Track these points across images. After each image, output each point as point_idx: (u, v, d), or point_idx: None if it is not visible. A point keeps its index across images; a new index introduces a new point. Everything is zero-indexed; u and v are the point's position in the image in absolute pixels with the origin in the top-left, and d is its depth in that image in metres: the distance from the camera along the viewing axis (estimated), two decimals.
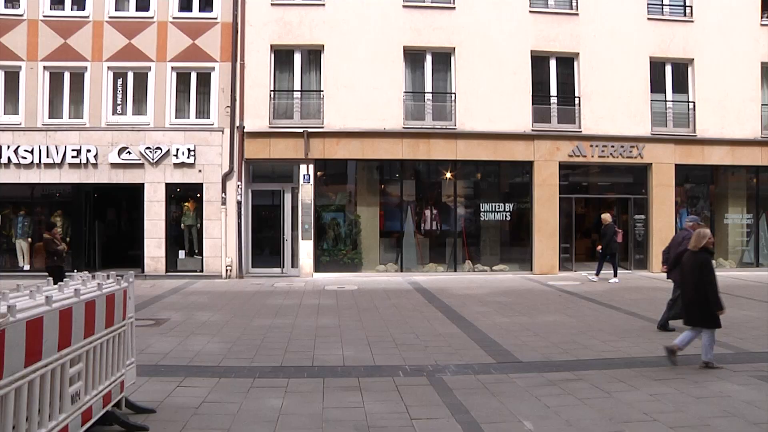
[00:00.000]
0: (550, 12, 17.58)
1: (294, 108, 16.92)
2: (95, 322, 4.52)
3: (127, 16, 16.76)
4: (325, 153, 16.59)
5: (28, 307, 3.63)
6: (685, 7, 18.21)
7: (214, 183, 16.52)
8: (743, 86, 18.06)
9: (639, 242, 17.93)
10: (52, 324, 3.81)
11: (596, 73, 17.45)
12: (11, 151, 16.22)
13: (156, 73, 16.64)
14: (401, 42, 16.93)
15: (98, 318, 4.57)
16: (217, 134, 16.60)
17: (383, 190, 17.53)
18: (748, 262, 18.53)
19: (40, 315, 3.67)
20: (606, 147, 17.32)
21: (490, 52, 17.10)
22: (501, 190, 17.97)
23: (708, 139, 17.84)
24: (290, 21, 16.83)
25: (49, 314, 3.78)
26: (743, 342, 8.33)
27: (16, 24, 16.51)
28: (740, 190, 18.93)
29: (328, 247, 17.13)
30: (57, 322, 3.88)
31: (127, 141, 16.41)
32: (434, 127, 16.95)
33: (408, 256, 17.19)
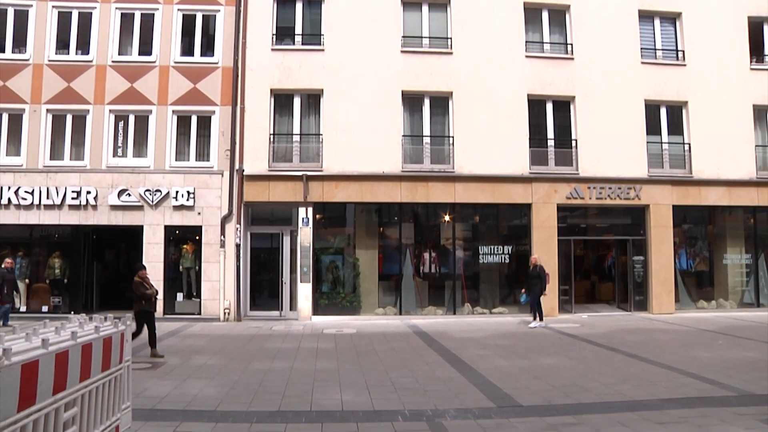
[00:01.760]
0: (545, 57, 17.92)
1: (293, 151, 17.07)
2: (91, 365, 4.46)
3: (129, 61, 17.08)
4: (324, 196, 16.66)
5: (23, 350, 3.59)
6: (677, 52, 18.58)
7: (213, 225, 16.55)
8: (737, 128, 18.31)
9: (638, 283, 17.86)
10: (47, 367, 3.76)
11: (592, 116, 17.70)
12: (12, 192, 16.32)
13: (157, 116, 16.86)
14: (399, 86, 17.21)
15: (95, 361, 4.52)
16: (217, 177, 16.70)
17: (382, 233, 17.54)
18: (749, 302, 18.43)
19: (35, 358, 3.63)
20: (603, 189, 17.44)
21: (488, 96, 17.37)
22: (499, 233, 17.98)
23: (704, 180, 17.99)
24: (290, 66, 17.14)
25: (45, 357, 3.74)
26: (747, 384, 8.22)
27: (22, 68, 16.85)
28: (738, 231, 18.96)
29: (326, 290, 17.05)
30: (53, 366, 3.83)
31: (127, 183, 16.51)
32: (432, 170, 17.09)
33: (407, 299, 17.08)
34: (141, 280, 11.28)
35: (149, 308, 11.30)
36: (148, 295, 11.24)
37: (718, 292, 18.53)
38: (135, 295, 11.26)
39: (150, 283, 11.53)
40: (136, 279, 11.32)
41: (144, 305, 11.18)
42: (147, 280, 11.44)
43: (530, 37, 18.01)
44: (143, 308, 11.15)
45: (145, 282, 11.34)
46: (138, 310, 11.10)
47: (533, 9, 18.06)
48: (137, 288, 11.19)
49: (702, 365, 9.67)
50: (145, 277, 11.44)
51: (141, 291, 11.15)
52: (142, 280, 11.29)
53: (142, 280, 11.29)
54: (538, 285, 15.05)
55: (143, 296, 11.15)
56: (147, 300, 11.23)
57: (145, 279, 11.41)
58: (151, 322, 11.09)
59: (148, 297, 11.23)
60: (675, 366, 9.59)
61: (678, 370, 9.29)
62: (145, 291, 11.18)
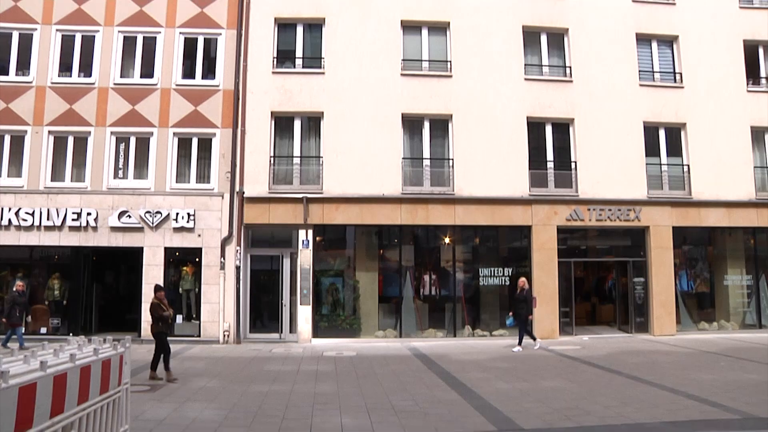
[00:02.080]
0: (544, 79, 18.08)
1: (293, 174, 17.13)
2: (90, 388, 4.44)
3: (131, 83, 17.23)
4: (324, 218, 16.68)
5: (21, 373, 3.58)
6: (675, 74, 18.74)
7: (213, 248, 16.55)
8: (735, 149, 18.41)
9: (639, 305, 17.79)
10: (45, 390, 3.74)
11: (591, 138, 17.80)
12: (12, 213, 16.34)
13: (158, 138, 16.95)
14: (399, 109, 17.33)
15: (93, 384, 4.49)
16: (217, 199, 16.74)
17: (382, 256, 17.51)
18: (751, 323, 18.34)
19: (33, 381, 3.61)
20: (603, 210, 17.46)
21: (487, 119, 17.49)
22: (500, 255, 17.96)
23: (704, 201, 18.02)
24: (290, 89, 17.28)
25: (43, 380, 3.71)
26: (752, 407, 8.16)
27: (25, 90, 16.99)
28: (738, 252, 18.95)
29: (326, 312, 16.98)
30: (51, 389, 3.81)
31: (127, 205, 16.54)
32: (432, 192, 17.13)
33: (407, 321, 17.01)
34: (158, 302, 11.21)
35: (166, 330, 11.26)
36: (166, 316, 11.18)
37: (719, 313, 18.44)
38: (152, 316, 11.19)
39: (167, 304, 11.47)
40: (154, 300, 11.27)
41: (161, 327, 11.11)
42: (164, 302, 11.37)
43: (529, 60, 18.19)
44: (161, 330, 11.08)
45: (162, 303, 11.27)
46: (156, 332, 11.05)
47: (532, 32, 18.27)
48: (155, 310, 11.12)
49: (705, 387, 9.60)
50: (162, 298, 11.38)
51: (159, 313, 11.09)
52: (159, 302, 11.22)
53: (159, 302, 11.22)
54: (524, 308, 14.88)
55: (161, 318, 11.09)
56: (164, 322, 11.18)
57: (162, 300, 11.34)
58: (166, 343, 11.06)
59: (165, 319, 11.18)
60: (677, 388, 9.52)
61: (680, 392, 9.22)
62: (162, 313, 11.11)
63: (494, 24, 18.01)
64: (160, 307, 11.14)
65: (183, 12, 17.52)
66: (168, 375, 10.74)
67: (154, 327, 11.14)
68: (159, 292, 11.49)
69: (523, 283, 15.25)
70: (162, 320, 11.10)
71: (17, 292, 14.79)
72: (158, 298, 11.30)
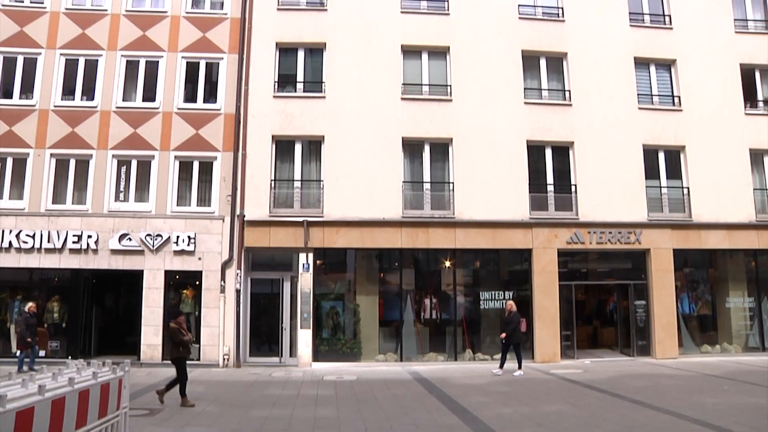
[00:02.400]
0: (544, 103, 18.22)
1: (294, 197, 17.18)
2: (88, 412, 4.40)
3: (133, 107, 17.35)
4: (325, 242, 16.68)
5: (19, 397, 3.55)
6: (673, 97, 18.89)
7: (214, 271, 16.51)
8: (735, 172, 18.47)
9: (641, 328, 17.68)
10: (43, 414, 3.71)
11: (591, 161, 17.88)
12: (13, 235, 16.34)
13: (159, 161, 17.03)
14: (400, 133, 17.43)
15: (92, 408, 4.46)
16: (218, 222, 16.75)
17: (382, 279, 17.45)
18: (754, 346, 18.19)
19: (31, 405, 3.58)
20: (604, 233, 17.46)
21: (487, 143, 17.59)
22: (500, 278, 17.89)
23: (704, 223, 18.02)
24: (291, 112, 17.40)
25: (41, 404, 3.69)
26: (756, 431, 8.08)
27: (28, 113, 17.12)
28: (740, 274, 18.88)
29: (327, 336, 16.89)
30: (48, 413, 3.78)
31: (128, 227, 16.55)
32: (433, 216, 17.15)
33: (408, 345, 16.90)
34: (178, 326, 11.17)
35: (186, 355, 11.19)
36: (186, 341, 11.13)
37: (721, 336, 18.33)
38: (172, 341, 11.14)
39: (186, 328, 11.43)
40: (173, 325, 11.23)
41: (182, 352, 11.05)
42: (184, 327, 11.34)
43: (529, 84, 18.36)
44: (181, 355, 11.01)
45: (182, 328, 11.23)
46: (175, 357, 11.00)
47: (531, 56, 18.46)
48: (175, 334, 11.06)
49: (709, 411, 9.51)
50: (182, 323, 11.35)
51: (179, 337, 11.03)
52: (179, 326, 11.18)
53: (179, 326, 11.18)
54: (519, 331, 14.79)
55: (181, 342, 11.03)
56: (185, 347, 11.12)
57: (182, 325, 11.31)
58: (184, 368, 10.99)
59: (185, 343, 11.12)
60: (681, 412, 9.43)
61: (684, 416, 9.13)
62: (182, 337, 11.06)
63: (494, 48, 18.22)
64: (180, 332, 11.10)
65: (185, 36, 17.73)
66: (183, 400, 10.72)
67: (174, 352, 11.09)
68: (179, 317, 11.50)
69: (510, 306, 15.18)
70: (182, 345, 11.05)
71: (29, 313, 14.70)
72: (178, 323, 11.28)
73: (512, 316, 14.91)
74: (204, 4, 18.26)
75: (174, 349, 11.08)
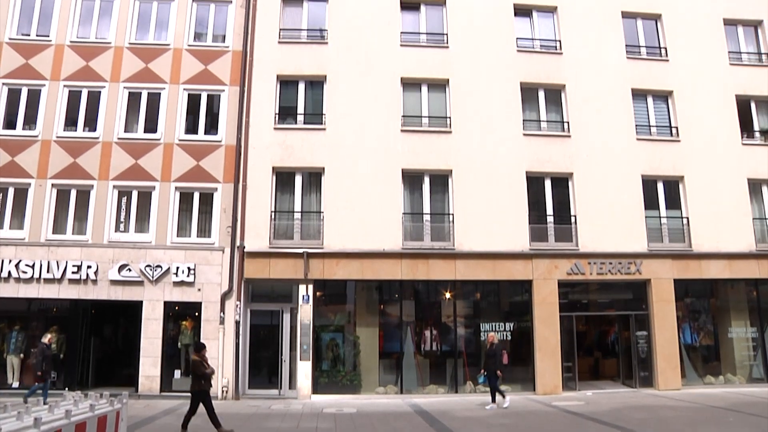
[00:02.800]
0: (543, 135, 18.33)
1: (294, 229, 17.20)
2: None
3: (135, 138, 17.44)
4: (325, 273, 16.66)
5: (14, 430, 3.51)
6: (671, 128, 18.99)
7: (213, 302, 16.48)
8: (734, 201, 18.51)
9: (642, 359, 17.57)
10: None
11: (591, 192, 17.93)
12: (12, 265, 16.33)
13: (160, 192, 17.08)
14: (400, 164, 17.52)
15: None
16: (218, 253, 16.75)
17: (382, 311, 17.40)
18: (758, 377, 18.02)
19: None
20: (604, 264, 17.45)
21: (487, 174, 17.67)
22: (501, 309, 17.85)
23: (704, 253, 18.01)
24: (292, 144, 17.50)
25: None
26: None
27: (31, 144, 17.22)
28: (741, 303, 18.79)
29: (326, 368, 16.79)
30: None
31: (128, 258, 16.55)
32: (433, 247, 17.16)
33: (408, 377, 16.80)
34: (200, 360, 11.14)
35: (207, 388, 11.15)
36: (208, 374, 11.10)
37: (725, 366, 18.19)
38: (194, 374, 11.09)
39: (208, 361, 11.39)
40: (196, 358, 11.20)
41: (203, 385, 11.03)
42: (206, 359, 11.31)
43: (527, 116, 18.49)
44: (203, 388, 10.99)
45: (204, 361, 11.20)
46: (196, 390, 10.97)
47: (530, 88, 18.62)
48: (197, 368, 11.02)
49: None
50: (204, 356, 11.31)
51: (201, 371, 11.00)
52: (201, 360, 11.14)
53: (201, 360, 11.14)
54: (494, 364, 14.52)
55: (203, 376, 11.01)
56: (207, 380, 11.09)
57: (205, 358, 11.28)
58: (208, 402, 10.98)
59: (208, 377, 11.09)
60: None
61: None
62: (205, 370, 11.03)
63: (493, 81, 18.38)
64: (202, 365, 11.07)
65: (187, 69, 17.90)
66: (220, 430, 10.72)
67: (195, 385, 11.07)
68: (202, 350, 11.46)
69: (492, 338, 15.06)
70: (204, 378, 11.02)
71: (45, 345, 14.68)
72: (201, 355, 11.25)
73: (495, 348, 14.71)
74: (206, 37, 18.47)
75: (196, 382, 11.06)
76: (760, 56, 20.07)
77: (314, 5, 18.84)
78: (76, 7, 18.35)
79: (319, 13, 18.76)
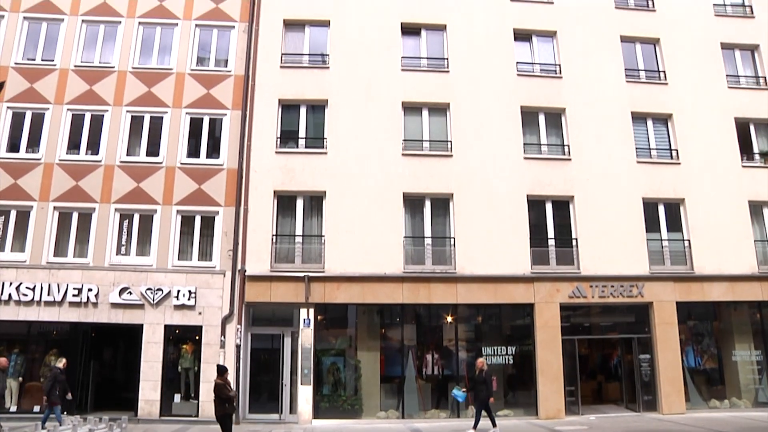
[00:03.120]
0: (543, 158, 18.40)
1: (295, 252, 17.19)
2: None
3: (137, 161, 17.53)
4: (326, 297, 16.63)
5: None
6: (671, 151, 19.04)
7: (214, 326, 16.43)
8: (735, 223, 18.49)
9: (646, 382, 17.43)
10: None
11: (592, 215, 17.93)
12: (13, 288, 16.33)
13: (161, 215, 17.12)
14: (401, 188, 17.56)
15: None
16: (219, 277, 16.73)
17: (384, 335, 17.31)
18: (764, 401, 17.83)
19: None
20: (606, 287, 17.40)
21: (488, 197, 17.70)
22: (503, 333, 17.75)
23: (706, 276, 17.95)
24: (293, 168, 17.56)
25: None
26: None
27: (34, 167, 17.31)
28: (745, 326, 18.68)
29: (327, 392, 16.67)
30: None
31: (128, 281, 16.53)
32: (434, 271, 17.13)
33: (409, 401, 16.65)
34: (223, 383, 11.10)
35: (231, 411, 11.16)
36: (232, 397, 11.08)
37: (730, 390, 18.02)
38: (218, 397, 11.03)
39: (231, 385, 11.40)
40: (219, 381, 11.16)
41: (227, 408, 11.00)
42: (229, 383, 11.29)
43: (528, 139, 18.57)
44: (227, 411, 10.96)
45: (228, 385, 11.18)
46: (221, 414, 10.94)
47: (530, 112, 18.73)
48: (221, 391, 10.98)
49: None
50: (227, 378, 11.28)
51: (225, 394, 10.97)
52: (224, 383, 11.11)
53: (224, 383, 11.11)
54: (483, 390, 14.27)
55: (227, 399, 10.98)
56: (230, 403, 11.07)
57: (227, 381, 11.25)
58: (229, 425, 10.96)
59: (231, 400, 11.08)
60: None
61: None
62: (228, 393, 11.01)
63: (493, 105, 18.50)
64: (226, 388, 11.05)
65: (190, 93, 18.06)
66: None
67: (219, 409, 11.03)
68: (224, 373, 11.41)
69: (481, 363, 14.79)
70: (228, 401, 11.00)
71: (59, 369, 14.61)
72: (224, 379, 11.21)
73: (485, 374, 14.45)
74: (209, 61, 18.65)
75: (220, 407, 11.02)
76: (758, 79, 20.22)
77: (316, 30, 19.05)
78: (80, 32, 18.58)
79: (321, 38, 18.96)
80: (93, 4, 18.81)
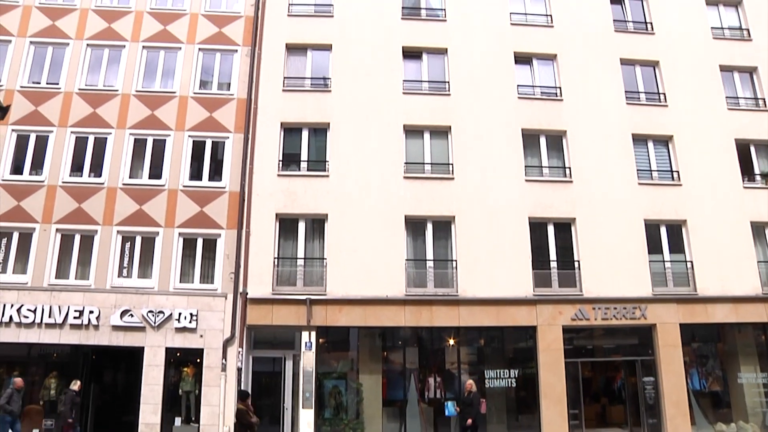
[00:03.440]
0: (545, 180, 18.43)
1: (297, 275, 17.19)
2: None
3: (139, 184, 17.59)
4: (328, 320, 16.57)
5: None
6: (672, 172, 19.07)
7: (215, 349, 16.36)
8: (737, 244, 18.42)
9: (650, 405, 17.28)
10: None
11: (594, 237, 17.91)
12: (14, 310, 16.28)
13: (163, 238, 17.13)
14: (402, 211, 17.57)
15: None
16: (220, 300, 16.71)
17: (386, 358, 17.25)
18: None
19: None
20: (609, 309, 17.32)
21: (489, 220, 17.70)
22: (505, 356, 17.64)
23: (710, 297, 17.84)
24: (295, 191, 17.62)
25: None
26: None
27: (37, 189, 17.35)
28: (749, 348, 18.52)
29: (329, 416, 16.54)
30: None
31: (130, 303, 16.51)
32: (436, 294, 17.09)
33: (412, 425, 16.52)
34: (246, 409, 11.14)
35: None
36: (254, 424, 11.09)
37: (736, 413, 17.78)
38: (240, 423, 11.07)
39: (253, 412, 11.36)
40: (242, 407, 11.20)
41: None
42: (251, 408, 11.30)
43: (529, 162, 18.61)
44: None
45: (250, 410, 11.19)
46: None
47: (531, 135, 18.81)
48: (243, 417, 11.03)
49: None
50: (248, 404, 11.30)
51: (247, 419, 11.02)
52: (246, 408, 11.13)
53: (246, 408, 11.13)
54: (471, 412, 14.40)
55: (249, 425, 11.01)
56: (252, 429, 11.10)
57: (249, 407, 11.26)
58: None
59: (253, 426, 11.09)
60: None
61: None
62: (250, 420, 11.02)
63: (494, 127, 18.58)
64: (248, 414, 11.08)
65: (192, 116, 18.18)
66: None
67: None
68: (246, 398, 11.48)
69: (470, 385, 14.90)
70: (250, 427, 11.02)
71: (74, 392, 14.50)
72: (246, 404, 11.28)
73: (472, 396, 14.52)
74: (211, 85, 18.81)
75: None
76: (757, 101, 20.30)
77: (318, 54, 19.23)
78: (85, 56, 18.76)
79: (323, 61, 19.13)
80: (98, 28, 19.03)
